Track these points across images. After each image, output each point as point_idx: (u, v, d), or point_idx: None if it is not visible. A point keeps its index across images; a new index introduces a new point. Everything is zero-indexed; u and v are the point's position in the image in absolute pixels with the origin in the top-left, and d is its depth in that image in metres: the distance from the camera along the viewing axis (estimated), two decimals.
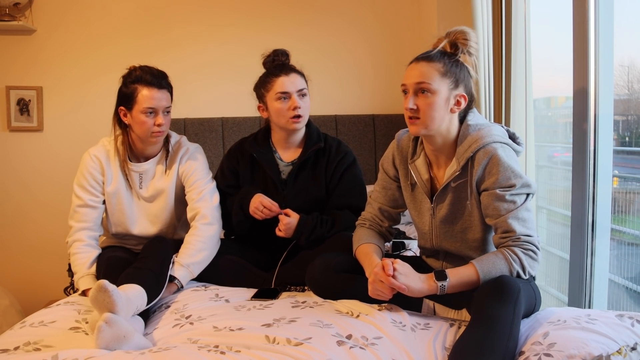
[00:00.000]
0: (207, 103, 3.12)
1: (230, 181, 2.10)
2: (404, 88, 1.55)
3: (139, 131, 1.90)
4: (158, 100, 1.86)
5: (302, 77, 2.01)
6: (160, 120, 1.87)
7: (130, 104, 1.87)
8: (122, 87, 1.89)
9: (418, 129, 1.54)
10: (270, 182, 2.05)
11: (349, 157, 2.06)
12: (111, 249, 1.97)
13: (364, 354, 1.28)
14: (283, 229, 1.92)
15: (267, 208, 1.92)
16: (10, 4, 2.87)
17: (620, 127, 2.27)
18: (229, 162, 2.12)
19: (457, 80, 1.52)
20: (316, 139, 2.06)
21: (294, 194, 2.03)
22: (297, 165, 2.03)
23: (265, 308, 1.60)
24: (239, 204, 2.00)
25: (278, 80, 1.97)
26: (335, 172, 2.04)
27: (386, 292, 1.48)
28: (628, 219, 2.29)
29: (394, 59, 3.18)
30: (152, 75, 1.87)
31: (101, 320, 1.34)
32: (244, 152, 2.10)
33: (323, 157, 2.05)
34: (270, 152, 2.08)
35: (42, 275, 3.08)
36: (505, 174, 1.48)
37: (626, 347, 1.26)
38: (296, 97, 1.96)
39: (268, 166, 2.04)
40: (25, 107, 3.02)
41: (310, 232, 1.92)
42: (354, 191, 2.05)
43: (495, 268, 1.44)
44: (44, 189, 3.06)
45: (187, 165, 1.99)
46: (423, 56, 1.54)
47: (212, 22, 3.13)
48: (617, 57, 1.91)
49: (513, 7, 2.19)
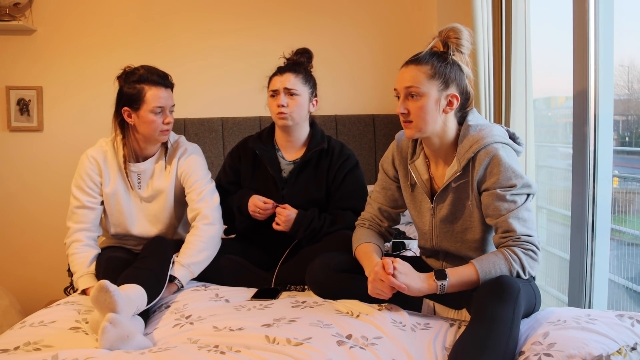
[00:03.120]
0: (207, 103, 3.12)
1: (230, 178, 2.13)
2: (396, 93, 1.57)
3: (146, 130, 1.90)
4: (165, 99, 1.90)
5: (297, 78, 2.01)
6: (168, 119, 1.91)
7: (137, 104, 1.87)
8: (125, 88, 1.89)
9: (412, 132, 1.55)
10: (271, 179, 2.07)
11: (352, 160, 2.08)
12: (111, 249, 1.97)
13: (364, 354, 1.28)
14: (282, 221, 1.94)
15: (260, 208, 1.95)
16: (10, 4, 2.87)
17: (620, 127, 2.27)
18: (232, 159, 2.16)
19: (447, 81, 1.52)
20: (319, 140, 2.09)
21: (293, 193, 2.04)
22: (299, 165, 2.05)
23: (265, 308, 1.60)
24: (238, 210, 2.03)
25: (273, 79, 2.04)
26: (337, 175, 2.05)
27: (386, 291, 1.48)
28: (628, 219, 2.29)
29: (394, 59, 3.18)
30: (158, 75, 1.90)
31: (105, 320, 1.35)
32: (247, 149, 2.13)
33: (325, 158, 2.07)
34: (273, 150, 2.10)
35: (42, 275, 3.08)
36: (506, 174, 1.49)
37: (626, 347, 1.26)
38: (282, 95, 1.99)
39: (269, 163, 2.06)
40: (25, 107, 3.02)
41: (308, 225, 1.94)
42: (356, 194, 2.05)
43: (495, 268, 1.44)
44: (44, 189, 3.06)
45: (186, 165, 1.99)
46: (412, 59, 1.55)
47: (212, 22, 3.12)
48: (617, 57, 1.91)
49: (513, 7, 2.19)
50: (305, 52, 2.09)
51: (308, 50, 2.10)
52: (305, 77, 2.04)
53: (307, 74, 2.07)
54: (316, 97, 2.09)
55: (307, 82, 2.04)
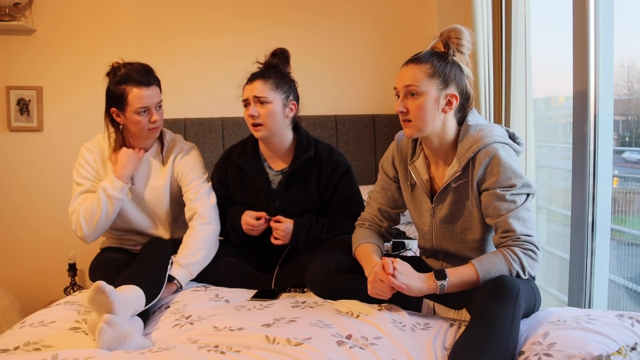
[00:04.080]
0: (207, 103, 3.12)
1: (221, 193, 2.05)
2: (396, 92, 1.57)
3: (134, 129, 1.90)
4: (149, 98, 1.85)
5: (267, 84, 1.89)
6: (154, 117, 1.88)
7: (122, 105, 1.86)
8: (110, 88, 1.87)
9: (411, 131, 1.55)
10: (261, 192, 2.01)
11: (342, 166, 2.00)
12: (109, 251, 1.97)
13: (364, 354, 1.28)
14: (280, 235, 1.91)
15: (253, 225, 1.92)
16: (10, 4, 2.87)
17: (620, 127, 2.27)
18: (219, 174, 2.08)
19: (447, 80, 1.53)
20: (305, 146, 1.99)
21: (285, 204, 1.99)
22: (288, 175, 1.98)
23: (265, 308, 1.60)
24: (232, 229, 2.00)
25: (244, 87, 1.94)
26: (329, 183, 1.99)
27: (386, 291, 1.48)
28: (628, 219, 2.29)
29: (394, 59, 3.17)
30: (139, 73, 1.84)
31: (102, 321, 1.34)
32: (232, 163, 2.05)
33: (315, 166, 1.99)
34: (259, 162, 2.02)
35: (42, 275, 3.08)
36: (506, 174, 1.49)
37: (626, 347, 1.26)
38: (252, 105, 1.90)
39: (257, 176, 2.00)
40: (25, 107, 3.02)
41: (307, 234, 1.91)
42: (351, 200, 2.00)
43: (495, 268, 1.44)
44: (44, 189, 3.06)
45: (182, 164, 1.99)
46: (412, 59, 1.56)
47: (212, 22, 3.12)
48: (617, 57, 1.91)
49: (513, 7, 2.19)
50: (281, 52, 1.98)
51: (284, 50, 1.99)
52: (277, 82, 1.91)
53: (280, 77, 1.93)
54: (293, 100, 1.96)
55: (279, 88, 1.90)
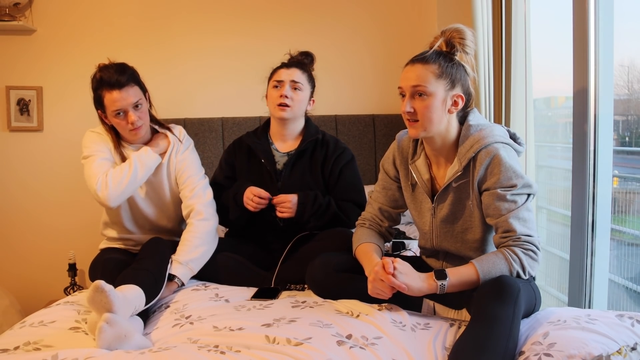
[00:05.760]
0: (207, 103, 3.12)
1: (226, 172, 2.16)
2: (401, 91, 1.56)
3: (119, 130, 1.92)
4: (122, 100, 1.82)
5: (303, 74, 2.08)
6: (131, 118, 1.84)
7: (102, 108, 1.88)
8: (92, 91, 1.88)
9: (417, 131, 1.55)
10: (266, 172, 2.09)
11: (348, 153, 2.13)
12: (109, 251, 1.98)
13: (364, 354, 1.28)
14: (286, 207, 1.95)
15: (257, 195, 1.95)
16: (10, 4, 2.87)
17: (620, 127, 2.27)
18: (227, 154, 2.20)
19: (454, 81, 1.52)
20: (314, 132, 2.13)
21: (288, 185, 2.06)
22: (294, 156, 2.08)
23: (265, 308, 1.60)
24: (233, 199, 2.03)
25: (279, 70, 2.08)
26: (333, 168, 2.09)
27: (386, 291, 1.48)
28: (628, 219, 2.29)
29: (394, 58, 3.18)
30: (110, 75, 1.82)
31: (102, 320, 1.34)
32: (242, 144, 2.17)
33: (321, 149, 2.11)
34: (267, 143, 2.13)
35: (42, 275, 3.07)
36: (506, 174, 1.49)
37: (626, 347, 1.26)
38: (287, 86, 2.03)
39: (263, 156, 2.09)
40: (25, 107, 3.02)
41: (312, 203, 1.96)
42: (355, 187, 2.10)
43: (495, 268, 1.44)
44: (43, 189, 3.06)
45: (179, 162, 2.00)
46: (418, 58, 1.54)
47: (212, 22, 3.12)
48: (617, 57, 1.91)
49: (513, 7, 2.19)
50: (309, 54, 2.17)
51: (311, 53, 2.18)
52: (309, 76, 2.12)
53: (310, 74, 2.13)
54: (313, 98, 2.15)
55: (309, 81, 2.11)
